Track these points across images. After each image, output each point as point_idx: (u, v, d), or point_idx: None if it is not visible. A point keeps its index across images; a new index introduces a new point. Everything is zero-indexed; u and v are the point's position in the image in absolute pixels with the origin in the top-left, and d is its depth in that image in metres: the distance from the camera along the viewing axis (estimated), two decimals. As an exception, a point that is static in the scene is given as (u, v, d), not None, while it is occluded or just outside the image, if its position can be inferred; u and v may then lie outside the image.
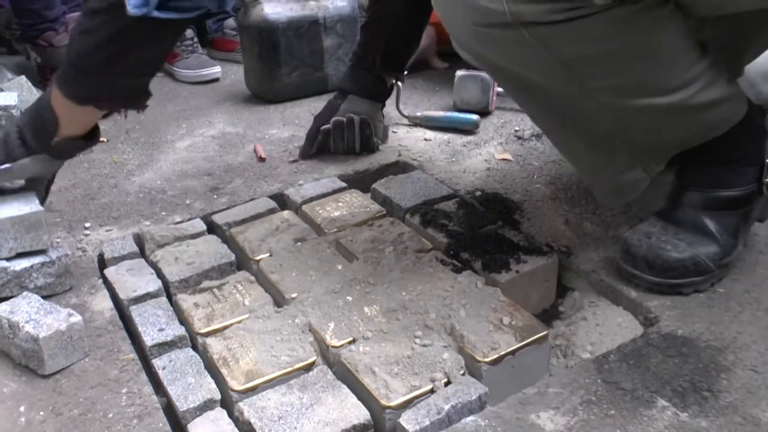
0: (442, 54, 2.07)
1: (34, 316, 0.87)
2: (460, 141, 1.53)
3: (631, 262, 0.97)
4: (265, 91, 1.84)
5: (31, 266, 0.99)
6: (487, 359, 0.84)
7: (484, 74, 1.64)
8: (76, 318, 0.88)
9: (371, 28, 1.46)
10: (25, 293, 0.93)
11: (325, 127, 1.45)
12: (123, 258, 1.11)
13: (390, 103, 1.56)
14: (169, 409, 0.84)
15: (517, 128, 1.58)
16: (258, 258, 1.09)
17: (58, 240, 1.16)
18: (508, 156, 1.44)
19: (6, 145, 1.02)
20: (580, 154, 1.02)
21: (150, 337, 0.92)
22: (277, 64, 1.78)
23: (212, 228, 1.22)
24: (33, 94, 1.69)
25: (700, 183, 1.00)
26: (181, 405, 0.81)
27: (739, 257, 1.00)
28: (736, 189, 0.99)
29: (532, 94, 0.96)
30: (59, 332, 0.86)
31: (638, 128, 0.93)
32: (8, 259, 0.98)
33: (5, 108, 1.52)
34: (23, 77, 1.70)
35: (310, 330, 0.92)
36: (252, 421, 0.78)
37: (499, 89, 1.68)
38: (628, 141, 0.95)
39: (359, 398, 0.81)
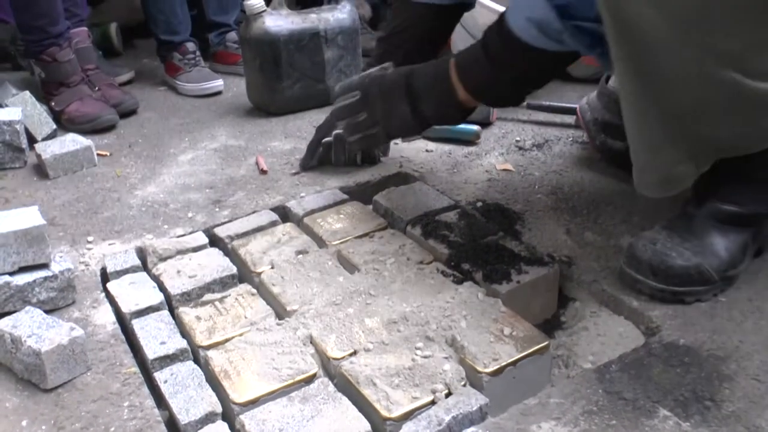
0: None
1: (36, 331, 0.88)
2: (461, 152, 1.53)
3: (635, 266, 0.97)
4: (267, 103, 1.85)
5: (34, 281, 0.99)
6: (488, 370, 0.84)
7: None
8: (78, 332, 0.88)
9: (391, 40, 1.43)
10: (27, 308, 0.93)
11: (326, 140, 1.46)
12: (125, 272, 1.12)
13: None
14: (171, 423, 0.84)
15: (518, 138, 1.59)
16: (260, 270, 1.09)
17: (61, 254, 1.17)
18: (509, 166, 1.44)
19: (411, 128, 1.17)
20: (648, 131, 0.95)
21: (152, 350, 0.92)
22: (279, 76, 1.79)
23: (214, 241, 1.22)
24: (36, 108, 1.70)
25: (715, 196, 1.00)
26: (183, 418, 0.81)
27: (745, 271, 1.00)
28: (748, 207, 0.99)
29: (640, 48, 0.89)
30: (61, 346, 0.86)
31: (714, 115, 0.90)
32: (11, 274, 0.99)
33: (9, 123, 1.54)
34: (27, 92, 1.71)
35: (311, 342, 0.92)
36: (253, 433, 0.78)
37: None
38: (695, 129, 0.91)
39: (360, 410, 0.81)
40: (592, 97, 1.43)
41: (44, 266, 1.01)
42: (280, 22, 1.77)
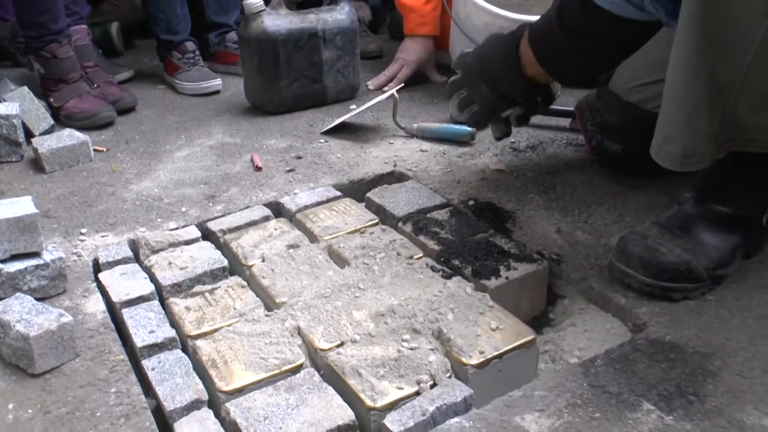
0: (440, 67, 2.09)
1: (26, 316, 0.88)
2: (455, 152, 1.54)
3: (626, 260, 0.98)
4: (265, 102, 1.86)
5: (25, 268, 1.00)
6: (473, 362, 0.84)
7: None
8: (67, 318, 0.89)
9: None
10: (18, 294, 0.94)
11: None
12: (117, 263, 1.12)
13: (387, 115, 1.57)
14: (158, 411, 0.85)
15: (512, 140, 1.59)
16: (250, 263, 1.10)
17: (54, 245, 1.17)
18: (502, 167, 1.45)
19: (492, 105, 1.21)
20: (692, 93, 0.94)
21: (140, 338, 0.93)
22: (277, 76, 1.80)
23: (207, 235, 1.23)
24: (35, 104, 1.71)
25: (709, 196, 1.01)
26: (168, 405, 0.81)
27: (734, 272, 1.01)
28: (741, 210, 1.00)
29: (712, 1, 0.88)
30: (50, 332, 0.86)
31: (752, 94, 0.89)
32: (2, 261, 0.99)
33: (7, 117, 1.55)
34: (25, 88, 1.72)
35: (299, 333, 0.93)
36: (238, 420, 0.78)
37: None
38: (730, 107, 0.91)
39: (345, 400, 0.81)
40: (592, 96, 1.43)
41: (36, 255, 1.02)
42: (278, 21, 1.78)
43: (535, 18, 1.17)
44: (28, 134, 1.65)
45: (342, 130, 1.70)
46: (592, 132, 1.41)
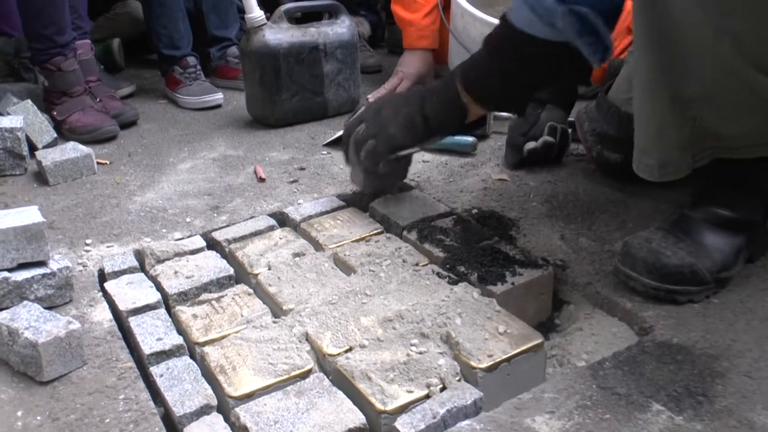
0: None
1: (34, 323, 0.88)
2: (457, 162, 1.55)
3: (630, 264, 0.98)
4: (266, 115, 1.87)
5: (32, 277, 1.00)
6: (482, 366, 0.85)
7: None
8: (75, 325, 0.89)
9: None
10: (25, 302, 0.94)
11: (533, 147, 1.47)
12: (123, 272, 1.12)
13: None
14: (167, 417, 0.84)
15: (514, 150, 1.60)
16: (256, 272, 1.10)
17: (60, 255, 1.18)
18: (504, 176, 1.46)
19: (413, 131, 1.17)
20: (657, 108, 0.96)
21: (148, 346, 0.93)
22: (278, 89, 1.82)
23: (212, 245, 1.23)
24: (38, 117, 1.72)
25: (710, 199, 1.02)
26: (178, 410, 0.81)
27: (737, 275, 1.01)
28: (743, 213, 1.01)
29: (664, 20, 0.90)
30: (58, 338, 0.86)
31: (719, 106, 0.91)
32: (9, 270, 0.99)
33: (11, 130, 1.56)
34: (29, 101, 1.73)
35: (307, 339, 0.93)
36: (248, 425, 0.78)
37: (496, 113, 1.70)
38: (699, 118, 0.92)
39: (355, 403, 0.81)
40: (591, 107, 1.45)
41: (43, 264, 1.02)
42: (280, 35, 1.80)
43: None
44: (32, 147, 1.65)
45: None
46: (592, 142, 1.42)
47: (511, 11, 1.05)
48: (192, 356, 0.93)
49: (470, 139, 1.60)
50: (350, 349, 0.90)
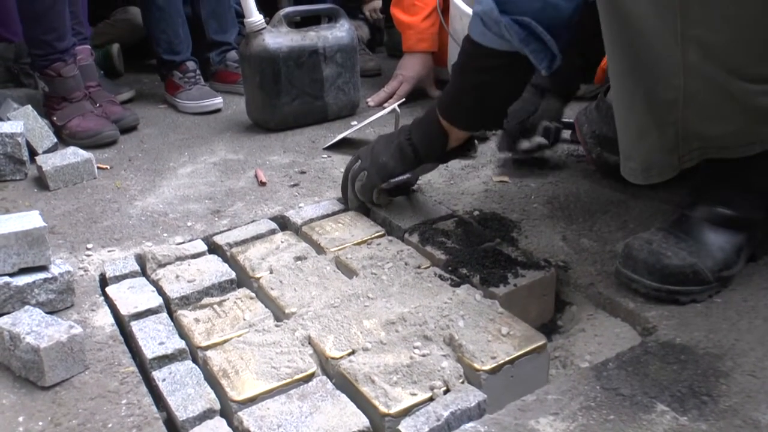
0: (439, 83, 2.11)
1: (36, 328, 0.88)
2: (458, 165, 1.55)
3: (631, 266, 0.98)
4: (266, 119, 1.87)
5: (34, 282, 1.00)
6: (486, 368, 0.84)
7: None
8: (77, 330, 0.89)
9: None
10: (27, 307, 0.93)
11: (527, 147, 1.46)
12: (124, 277, 1.12)
13: (389, 130, 1.58)
14: (169, 422, 0.84)
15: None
16: (258, 276, 1.10)
17: (61, 260, 1.17)
18: (505, 178, 1.46)
19: (403, 159, 1.21)
20: (634, 113, 0.97)
21: (150, 350, 0.92)
22: (278, 93, 1.82)
23: (213, 249, 1.23)
24: (38, 122, 1.72)
25: (710, 198, 1.01)
26: (181, 415, 0.81)
27: (739, 273, 1.01)
28: (743, 212, 1.00)
29: (627, 29, 0.90)
30: (60, 343, 0.86)
31: (700, 108, 0.90)
32: (11, 275, 0.99)
33: (11, 135, 1.56)
34: (29, 106, 1.73)
35: (309, 343, 0.93)
36: (251, 429, 0.78)
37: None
38: (681, 120, 0.92)
39: (359, 407, 0.81)
40: (591, 109, 1.45)
41: (44, 268, 1.02)
42: (279, 39, 1.80)
43: None
44: (32, 153, 1.65)
45: (344, 146, 1.71)
46: (592, 144, 1.42)
47: (470, 25, 1.07)
48: (194, 360, 0.93)
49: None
50: (353, 352, 0.90)
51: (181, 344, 0.94)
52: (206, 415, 0.82)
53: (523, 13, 0.98)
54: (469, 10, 1.79)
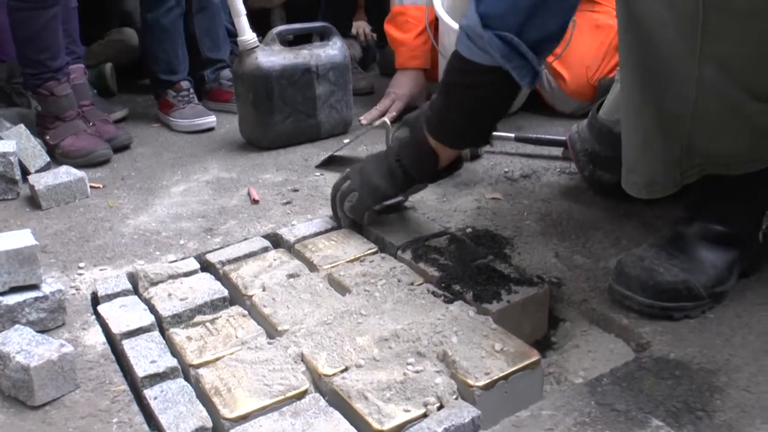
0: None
1: (26, 347, 0.87)
2: (450, 182, 1.55)
3: (624, 283, 0.98)
4: (259, 137, 1.87)
5: (24, 301, 0.99)
6: (479, 384, 0.84)
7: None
8: (68, 348, 0.88)
9: None
10: (17, 326, 0.93)
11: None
12: (116, 295, 1.12)
13: (381, 147, 1.59)
14: (161, 441, 0.83)
15: (506, 170, 1.61)
16: (251, 293, 1.09)
17: (52, 278, 1.17)
18: (498, 195, 1.46)
19: (394, 181, 1.21)
20: (642, 126, 0.97)
21: (142, 368, 0.92)
22: (271, 111, 1.82)
23: (206, 267, 1.23)
24: (31, 141, 1.72)
25: (704, 215, 1.02)
26: (172, 433, 0.80)
27: (732, 289, 1.01)
28: (735, 227, 1.01)
29: (644, 42, 0.91)
30: (50, 362, 0.85)
31: (707, 124, 0.91)
32: (1, 294, 0.98)
33: (3, 155, 1.55)
34: (22, 126, 1.73)
35: (302, 360, 0.92)
36: (243, 447, 0.77)
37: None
38: (688, 135, 0.93)
39: (352, 424, 0.80)
40: (583, 127, 1.46)
41: (35, 287, 1.01)
42: (272, 57, 1.81)
43: None
44: (24, 172, 1.65)
45: (337, 164, 1.71)
46: (584, 162, 1.43)
47: (456, 40, 1.07)
48: (186, 378, 0.92)
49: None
50: (346, 369, 0.89)
51: (173, 362, 0.93)
52: (198, 433, 0.81)
53: (506, 28, 0.98)
54: (455, 25, 1.81)
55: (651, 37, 0.89)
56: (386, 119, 1.66)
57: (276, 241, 1.31)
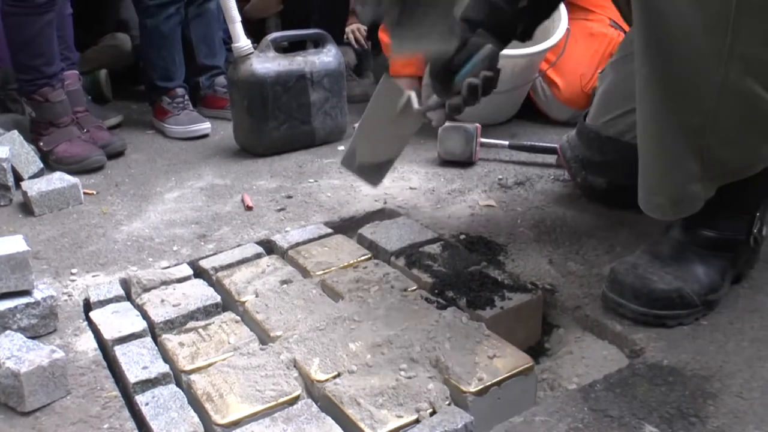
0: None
1: (16, 353, 0.87)
2: (444, 189, 1.55)
3: (618, 291, 0.98)
4: (254, 144, 1.87)
5: (15, 307, 0.98)
6: (472, 389, 0.84)
7: (467, 125, 1.68)
8: (59, 354, 0.87)
9: None
10: (7, 332, 0.92)
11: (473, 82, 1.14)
12: (109, 301, 1.11)
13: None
14: (152, 448, 0.83)
15: (500, 177, 1.61)
16: (244, 299, 1.09)
17: (44, 285, 1.16)
18: (492, 202, 1.46)
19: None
20: (664, 145, 0.94)
21: (133, 374, 0.91)
22: (266, 117, 1.82)
23: (199, 273, 1.22)
24: (24, 148, 1.71)
25: (697, 222, 1.02)
26: (164, 440, 0.80)
27: (725, 296, 1.02)
28: (726, 233, 1.01)
29: (667, 49, 0.88)
30: (41, 368, 0.85)
31: (723, 132, 0.90)
32: (-8, 299, 0.98)
33: (-4, 160, 1.54)
34: (15, 132, 1.73)
35: (294, 366, 0.92)
36: (235, 454, 0.77)
37: (482, 139, 1.72)
38: (707, 148, 0.91)
39: (344, 429, 0.80)
40: (572, 135, 1.46)
41: (27, 293, 1.01)
42: (267, 64, 1.81)
43: (512, 52, 1.15)
44: (17, 178, 1.64)
45: (331, 171, 1.71)
46: (576, 169, 1.43)
47: None
48: (178, 384, 0.92)
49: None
50: (339, 375, 0.89)
51: (165, 368, 0.93)
52: (189, 439, 0.80)
53: None
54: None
55: (673, 36, 0.86)
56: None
57: (269, 247, 1.31)
